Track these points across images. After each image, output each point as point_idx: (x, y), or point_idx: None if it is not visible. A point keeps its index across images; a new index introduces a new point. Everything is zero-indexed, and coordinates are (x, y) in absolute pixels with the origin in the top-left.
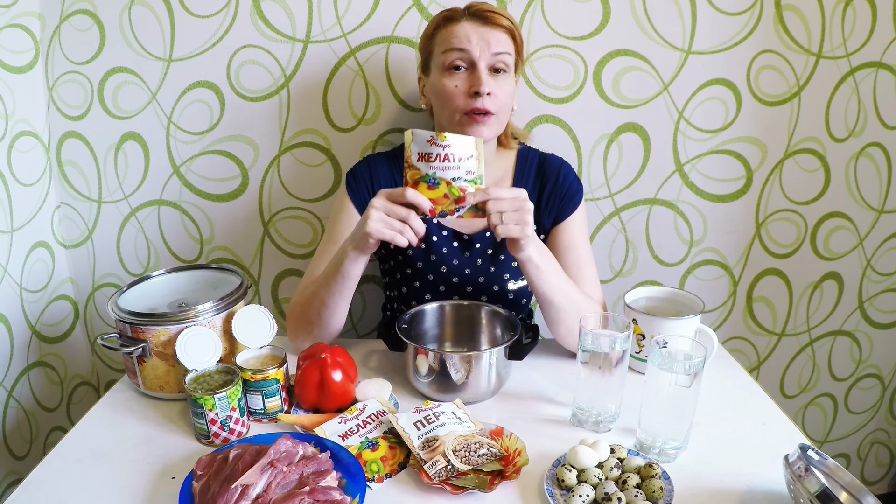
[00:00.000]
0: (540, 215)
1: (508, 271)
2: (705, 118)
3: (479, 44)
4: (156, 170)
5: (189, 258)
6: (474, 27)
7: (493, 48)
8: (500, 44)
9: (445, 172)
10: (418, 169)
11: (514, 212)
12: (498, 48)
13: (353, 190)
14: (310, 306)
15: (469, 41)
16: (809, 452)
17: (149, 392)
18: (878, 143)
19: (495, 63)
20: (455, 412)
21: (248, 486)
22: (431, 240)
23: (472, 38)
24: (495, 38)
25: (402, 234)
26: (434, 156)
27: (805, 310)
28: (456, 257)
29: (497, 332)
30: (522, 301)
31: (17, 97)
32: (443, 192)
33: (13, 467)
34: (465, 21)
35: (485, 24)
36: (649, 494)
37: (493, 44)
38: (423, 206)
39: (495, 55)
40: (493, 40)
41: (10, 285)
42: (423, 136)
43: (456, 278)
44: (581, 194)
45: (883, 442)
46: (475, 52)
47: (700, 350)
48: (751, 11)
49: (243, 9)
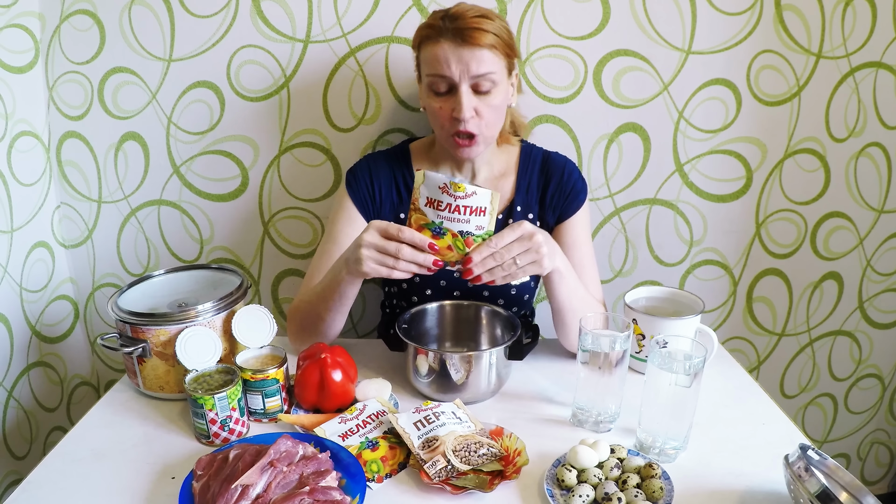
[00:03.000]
0: (544, 213)
1: None
2: (705, 118)
3: (459, 67)
4: (156, 170)
5: (189, 258)
6: (453, 48)
7: (474, 70)
8: (483, 64)
9: (453, 224)
10: (424, 214)
11: (525, 252)
12: (480, 69)
13: (353, 189)
14: (308, 317)
15: (448, 66)
16: (809, 452)
17: (149, 392)
18: (878, 143)
19: (478, 84)
20: (455, 412)
21: (248, 486)
22: None
23: (451, 61)
24: (476, 60)
25: (397, 269)
26: (445, 205)
27: (805, 310)
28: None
29: (497, 332)
30: (525, 297)
31: (17, 97)
32: (447, 243)
33: (13, 467)
34: (444, 41)
35: (464, 45)
36: (649, 494)
37: (474, 66)
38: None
39: (477, 77)
40: (473, 62)
41: (10, 285)
42: (436, 181)
43: (457, 273)
44: (585, 193)
45: (883, 442)
46: (455, 75)
47: (700, 350)
48: (751, 11)
49: (243, 9)
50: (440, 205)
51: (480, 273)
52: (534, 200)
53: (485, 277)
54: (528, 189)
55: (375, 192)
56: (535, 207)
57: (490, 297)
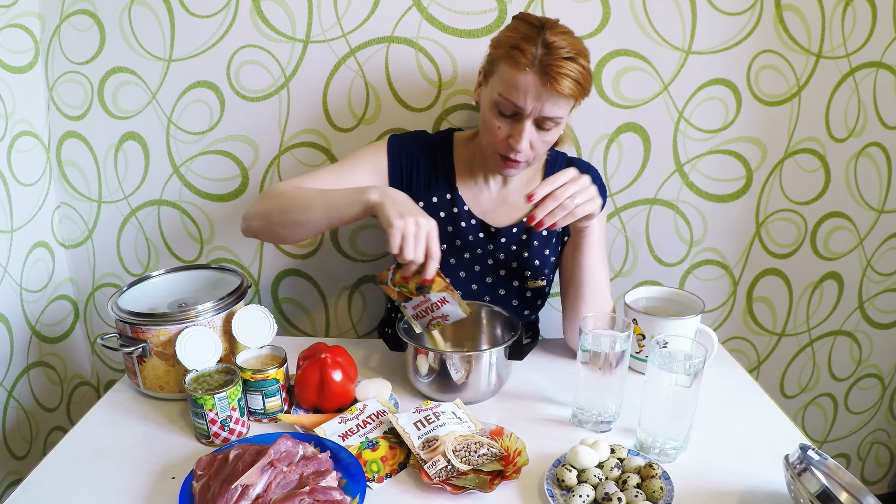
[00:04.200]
0: None
1: (531, 269)
2: (705, 118)
3: (535, 104)
4: (156, 170)
5: (189, 258)
6: (536, 85)
7: (547, 112)
8: (557, 108)
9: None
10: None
11: (580, 192)
12: (552, 112)
13: (393, 153)
14: (287, 203)
15: (525, 99)
16: (809, 452)
17: (149, 392)
18: (878, 143)
19: (543, 122)
20: (455, 412)
21: (248, 486)
22: (460, 225)
23: (529, 96)
24: (552, 103)
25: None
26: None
27: (805, 310)
28: (480, 246)
29: (497, 332)
30: (538, 302)
31: (17, 97)
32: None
33: (13, 467)
34: (530, 73)
35: (546, 87)
36: (649, 494)
37: (548, 109)
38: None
39: (546, 118)
40: (548, 105)
41: (10, 285)
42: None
43: (478, 267)
44: (605, 200)
45: (883, 442)
46: (527, 109)
47: (700, 350)
48: (751, 11)
49: (243, 9)
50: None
51: (543, 217)
52: None
53: (547, 221)
54: None
55: (413, 168)
56: None
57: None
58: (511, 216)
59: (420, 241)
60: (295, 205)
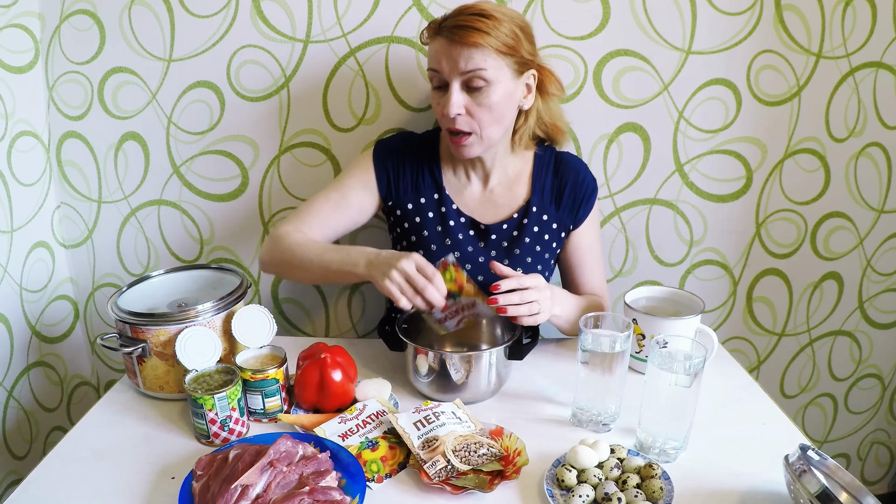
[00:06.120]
0: (560, 213)
1: (522, 266)
2: (705, 118)
3: (448, 64)
4: (156, 170)
5: (189, 258)
6: (444, 46)
7: (463, 67)
8: (472, 61)
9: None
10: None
11: (540, 302)
12: (469, 66)
13: (379, 161)
14: (293, 261)
15: (440, 62)
16: (809, 452)
17: (149, 392)
18: (878, 143)
19: (470, 81)
20: (455, 412)
21: (247, 486)
22: (449, 224)
23: (441, 58)
24: (465, 57)
25: (412, 300)
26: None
27: (805, 310)
28: (471, 244)
29: (497, 332)
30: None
31: (17, 97)
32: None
33: (13, 467)
34: (439, 38)
35: (453, 43)
36: (649, 494)
37: (462, 63)
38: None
39: (466, 73)
40: (461, 59)
41: (10, 285)
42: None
43: (469, 265)
44: (596, 193)
45: (883, 442)
46: (445, 72)
47: (700, 350)
48: (751, 11)
49: (243, 9)
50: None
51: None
52: (548, 202)
53: (503, 307)
54: (542, 191)
55: (399, 173)
56: (550, 209)
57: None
58: (499, 213)
59: (413, 284)
60: (300, 264)
